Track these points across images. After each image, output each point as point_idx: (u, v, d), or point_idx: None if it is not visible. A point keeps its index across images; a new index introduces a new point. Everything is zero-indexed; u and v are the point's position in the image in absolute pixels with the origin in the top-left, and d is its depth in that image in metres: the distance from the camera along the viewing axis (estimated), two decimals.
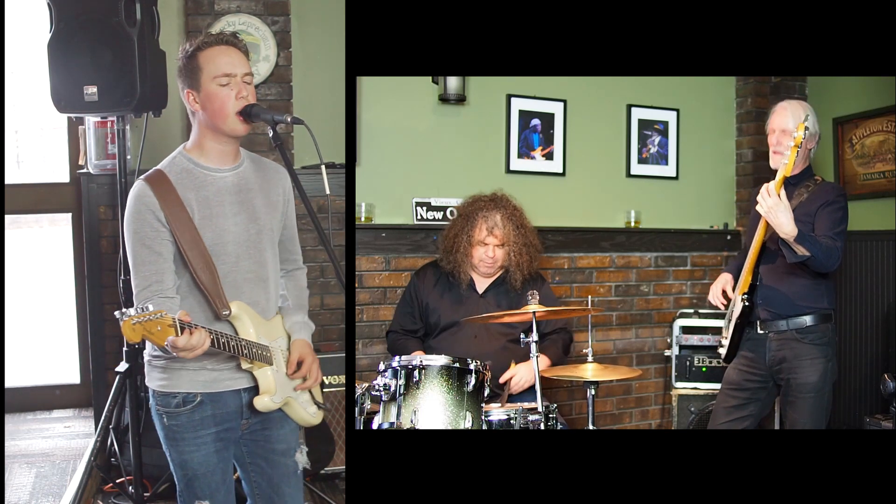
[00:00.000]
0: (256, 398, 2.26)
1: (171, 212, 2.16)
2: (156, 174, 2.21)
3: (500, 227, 3.30)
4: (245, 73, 2.23)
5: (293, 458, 2.43)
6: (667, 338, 4.37)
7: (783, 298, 3.06)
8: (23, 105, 5.26)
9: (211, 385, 2.26)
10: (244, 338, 2.23)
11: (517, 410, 2.69)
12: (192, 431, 2.25)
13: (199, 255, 2.18)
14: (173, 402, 2.25)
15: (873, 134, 4.22)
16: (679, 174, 4.60)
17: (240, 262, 2.25)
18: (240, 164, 2.31)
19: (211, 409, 2.26)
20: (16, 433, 4.54)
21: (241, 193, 2.28)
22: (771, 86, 4.62)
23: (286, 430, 2.41)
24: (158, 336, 1.96)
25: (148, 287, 2.16)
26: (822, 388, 3.01)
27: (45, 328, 6.25)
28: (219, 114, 2.21)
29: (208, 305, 2.22)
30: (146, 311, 1.94)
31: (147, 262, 2.16)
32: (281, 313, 2.42)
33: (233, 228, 2.25)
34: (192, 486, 2.28)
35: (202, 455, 2.26)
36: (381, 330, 3.85)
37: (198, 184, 2.23)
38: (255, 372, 2.27)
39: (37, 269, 7.56)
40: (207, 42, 2.21)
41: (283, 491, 2.41)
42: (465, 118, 4.05)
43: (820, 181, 3.11)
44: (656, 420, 4.57)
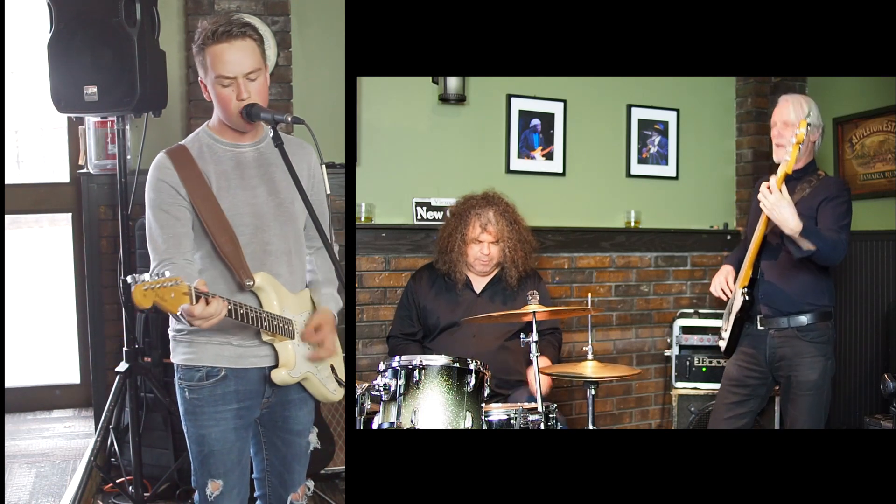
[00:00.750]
0: (274, 371, 2.27)
1: (190, 183, 2.19)
2: (177, 148, 2.26)
3: (493, 223, 3.31)
4: (250, 71, 2.20)
5: (307, 438, 2.47)
6: (667, 338, 4.37)
7: (784, 295, 3.07)
8: (23, 105, 5.26)
9: (236, 361, 2.27)
10: (267, 310, 2.24)
11: (517, 410, 2.69)
12: (213, 406, 2.26)
13: (220, 225, 2.20)
14: (196, 376, 2.25)
15: (873, 134, 4.22)
16: (679, 174, 4.60)
17: (258, 234, 2.27)
18: (261, 140, 2.33)
19: (234, 385, 2.27)
20: (16, 433, 4.54)
21: (261, 168, 2.30)
22: (771, 86, 4.62)
23: (304, 411, 2.44)
24: (171, 303, 1.94)
25: (166, 252, 2.18)
26: (822, 386, 3.03)
27: (45, 328, 6.24)
28: (223, 111, 2.25)
29: (231, 276, 2.23)
30: (161, 278, 1.92)
31: (165, 228, 2.19)
32: (310, 287, 2.44)
33: (251, 200, 2.26)
34: (207, 464, 2.28)
35: (220, 431, 2.27)
36: (381, 330, 3.85)
37: (217, 158, 2.27)
38: (276, 345, 2.28)
39: (37, 269, 7.56)
40: (216, 37, 2.18)
41: (293, 468, 2.45)
42: (465, 118, 4.05)
43: (823, 176, 3.11)
44: (656, 420, 4.57)
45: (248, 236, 2.25)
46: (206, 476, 2.29)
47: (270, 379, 2.29)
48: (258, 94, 2.23)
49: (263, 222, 2.28)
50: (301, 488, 2.49)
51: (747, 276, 3.10)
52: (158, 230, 2.21)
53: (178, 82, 3.89)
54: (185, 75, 3.98)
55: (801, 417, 3.04)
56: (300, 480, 2.48)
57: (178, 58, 3.94)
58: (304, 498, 2.50)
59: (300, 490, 2.48)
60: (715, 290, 3.26)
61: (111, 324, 4.03)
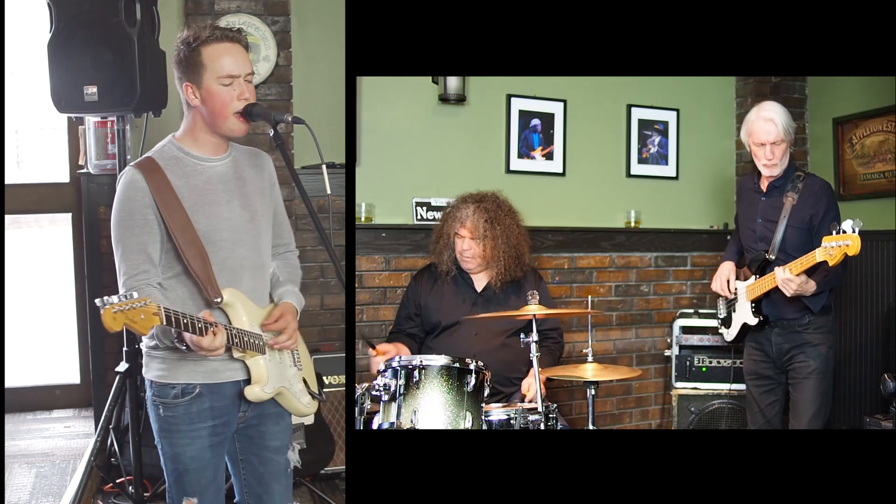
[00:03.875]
0: (247, 388, 2.24)
1: (162, 198, 2.14)
2: (146, 161, 2.20)
3: (471, 219, 3.31)
4: (248, 73, 2.21)
5: (285, 455, 2.41)
6: (667, 338, 4.37)
7: (789, 309, 3.17)
8: (23, 105, 5.26)
9: (211, 376, 2.23)
10: (236, 326, 2.21)
11: (517, 410, 2.69)
12: (188, 424, 2.23)
13: (189, 241, 2.15)
14: (171, 393, 2.22)
15: (873, 134, 4.22)
16: (679, 174, 4.60)
17: (236, 249, 2.24)
18: (228, 154, 2.30)
19: (209, 402, 2.24)
20: (16, 433, 4.54)
21: (231, 182, 2.27)
22: (771, 86, 4.62)
23: (281, 426, 2.40)
24: (142, 325, 1.92)
25: (135, 276, 2.13)
26: (824, 371, 3.15)
27: (45, 328, 6.24)
28: (219, 113, 2.20)
29: (199, 293, 2.19)
30: (129, 299, 1.90)
31: (135, 250, 2.15)
32: (272, 288, 2.41)
33: (227, 215, 2.23)
34: (182, 482, 2.26)
35: (196, 449, 2.24)
36: (381, 330, 3.85)
37: (187, 172, 2.22)
38: (248, 361, 2.25)
39: (37, 269, 7.55)
40: (212, 37, 2.16)
41: (272, 489, 2.39)
42: (465, 118, 4.05)
43: (803, 176, 3.20)
44: (656, 420, 4.56)
45: (225, 252, 2.22)
46: (181, 494, 2.26)
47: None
48: (253, 98, 2.22)
49: (240, 237, 2.25)
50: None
51: (758, 295, 3.19)
52: (128, 254, 2.15)
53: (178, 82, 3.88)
54: None
55: (806, 401, 3.14)
56: (282, 502, 2.41)
57: None
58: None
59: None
60: (719, 289, 3.40)
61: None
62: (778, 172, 3.16)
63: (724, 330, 3.47)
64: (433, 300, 3.41)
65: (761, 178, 3.26)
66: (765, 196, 3.23)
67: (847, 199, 4.28)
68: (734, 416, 4.04)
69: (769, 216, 3.20)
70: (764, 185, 3.24)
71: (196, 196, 2.20)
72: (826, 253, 2.82)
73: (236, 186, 2.28)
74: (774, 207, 3.18)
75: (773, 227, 3.17)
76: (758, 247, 3.22)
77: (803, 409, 3.14)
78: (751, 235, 3.27)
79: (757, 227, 3.24)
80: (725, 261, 3.45)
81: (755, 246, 3.24)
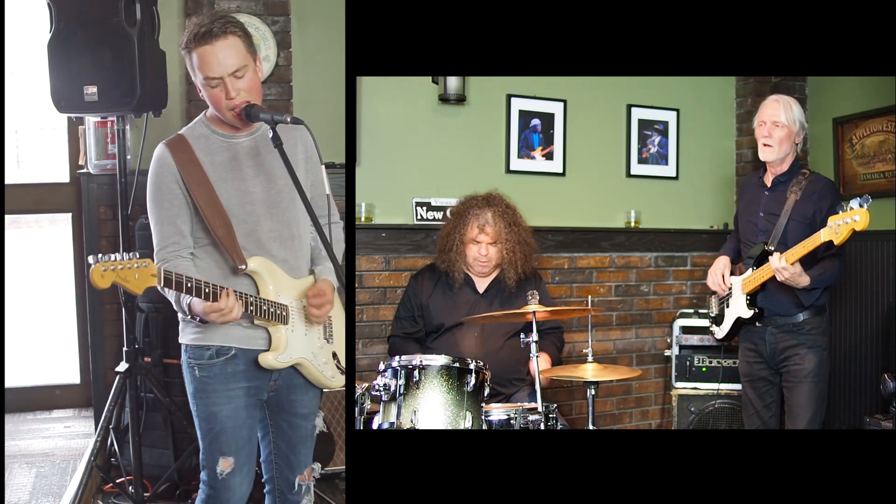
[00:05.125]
0: (261, 355, 2.30)
1: (189, 173, 2.23)
2: (176, 138, 2.29)
3: (491, 224, 3.31)
4: (235, 70, 2.21)
5: (313, 421, 2.50)
6: (667, 338, 4.37)
7: (783, 302, 3.15)
8: (23, 105, 5.26)
9: (244, 341, 2.30)
10: (262, 296, 2.27)
11: (517, 410, 2.70)
12: (224, 384, 2.29)
13: (214, 210, 2.23)
14: (207, 354, 2.28)
15: (873, 134, 4.22)
16: (679, 174, 4.60)
17: (262, 221, 2.30)
18: (257, 130, 2.35)
19: (244, 364, 2.30)
20: (16, 433, 4.54)
21: (258, 157, 2.33)
22: (771, 86, 4.62)
23: (311, 395, 2.48)
24: (135, 284, 1.98)
25: (166, 248, 2.23)
26: (819, 374, 3.13)
27: (45, 328, 6.24)
28: (217, 109, 2.27)
29: (225, 261, 2.27)
30: (127, 259, 1.96)
31: (166, 222, 2.25)
32: (312, 264, 2.48)
33: (252, 189, 2.30)
34: (218, 441, 2.30)
35: (232, 408, 2.30)
36: (381, 330, 3.85)
37: (213, 148, 2.29)
38: (270, 329, 2.32)
39: (37, 269, 7.55)
40: (197, 39, 2.19)
41: (299, 451, 2.48)
42: (465, 118, 4.05)
43: (808, 174, 3.19)
44: (656, 420, 4.57)
45: (251, 224, 2.29)
46: (216, 454, 2.30)
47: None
48: (249, 91, 2.24)
49: (266, 210, 2.31)
50: (307, 470, 2.52)
51: (753, 288, 3.16)
52: (160, 226, 2.26)
53: (178, 82, 3.88)
54: (185, 75, 3.96)
55: (801, 406, 3.13)
56: (306, 462, 2.51)
57: (178, 58, 3.89)
58: (310, 479, 2.54)
59: (307, 472, 2.52)
60: (714, 285, 3.38)
61: (111, 324, 4.02)
62: (773, 158, 3.15)
63: (714, 328, 3.45)
64: (435, 301, 3.41)
65: (766, 174, 3.25)
66: (768, 190, 3.23)
67: (848, 200, 4.27)
68: (734, 416, 4.04)
69: (771, 210, 3.19)
70: (768, 179, 3.24)
71: (221, 171, 2.28)
72: (832, 232, 2.78)
73: (263, 161, 2.33)
74: (777, 202, 3.17)
75: (774, 220, 3.16)
76: (758, 240, 3.20)
77: (798, 413, 3.13)
78: (752, 229, 3.26)
79: (759, 220, 3.23)
80: (721, 255, 3.45)
81: (755, 239, 3.22)
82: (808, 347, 3.13)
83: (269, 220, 2.32)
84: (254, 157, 2.33)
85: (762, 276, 3.10)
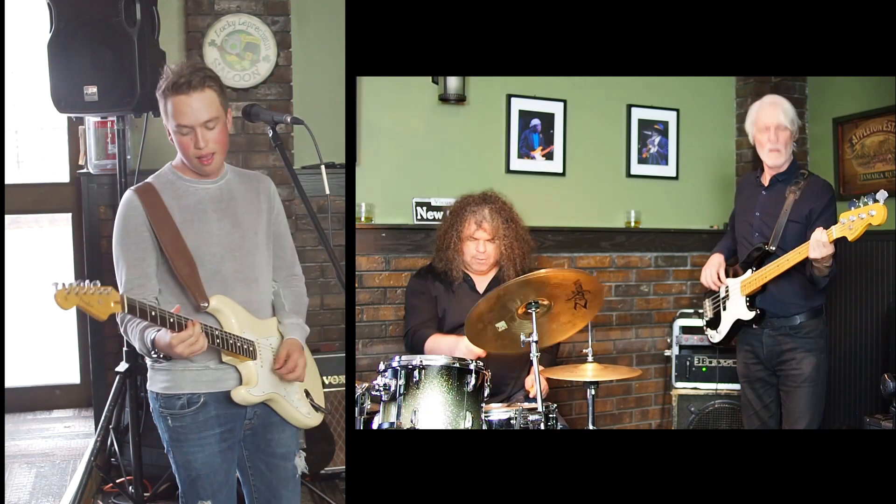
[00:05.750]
0: (234, 389, 2.30)
1: (155, 216, 2.27)
2: (144, 186, 2.34)
3: (488, 220, 3.30)
4: (207, 120, 2.26)
5: (293, 462, 2.47)
6: (667, 338, 4.37)
7: (780, 301, 3.15)
8: (23, 105, 5.26)
9: (214, 385, 2.31)
10: (227, 330, 2.28)
11: (517, 410, 2.69)
12: (197, 432, 2.30)
13: (178, 251, 2.27)
14: (178, 404, 2.30)
15: (873, 134, 4.22)
16: (679, 174, 4.60)
17: (225, 262, 2.33)
18: (222, 178, 2.40)
19: (215, 410, 2.31)
20: (16, 433, 4.54)
21: (223, 202, 2.37)
22: (771, 86, 4.61)
23: (287, 434, 2.46)
24: (98, 309, 2.02)
25: (132, 290, 2.24)
26: (817, 378, 3.13)
27: (45, 328, 6.24)
28: (184, 156, 2.32)
29: (187, 300, 2.28)
30: (85, 285, 1.99)
31: (132, 265, 2.28)
32: (277, 316, 2.47)
33: (216, 232, 2.34)
34: (196, 486, 2.32)
35: (206, 455, 2.31)
36: (381, 330, 3.85)
37: (180, 193, 2.34)
38: (238, 366, 2.32)
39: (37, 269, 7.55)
40: (175, 88, 2.24)
41: (281, 495, 2.46)
42: (465, 118, 4.05)
43: (807, 175, 3.20)
44: (656, 420, 4.56)
45: (214, 265, 2.31)
46: (195, 497, 2.33)
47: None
48: (217, 142, 2.30)
49: (229, 252, 2.34)
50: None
51: (754, 289, 3.15)
52: (125, 269, 2.29)
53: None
54: None
55: (799, 410, 3.13)
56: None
57: (177, 58, 3.93)
58: None
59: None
60: (709, 283, 3.37)
61: (111, 324, 3.99)
62: (782, 162, 3.16)
63: (710, 332, 3.43)
64: (441, 302, 3.41)
65: (764, 174, 3.26)
66: (766, 190, 3.23)
67: (847, 199, 4.26)
68: (734, 416, 4.04)
69: (768, 210, 3.19)
70: (766, 179, 3.24)
71: (187, 214, 2.32)
72: (845, 228, 2.73)
73: (228, 206, 2.38)
74: (774, 202, 3.17)
75: (770, 220, 3.16)
76: (754, 240, 3.20)
77: (796, 417, 3.13)
78: (747, 228, 3.27)
79: (754, 220, 3.24)
80: (715, 253, 3.44)
81: (751, 239, 3.22)
82: (806, 351, 3.12)
83: (233, 261, 2.34)
84: (219, 202, 2.37)
85: (763, 277, 3.10)
